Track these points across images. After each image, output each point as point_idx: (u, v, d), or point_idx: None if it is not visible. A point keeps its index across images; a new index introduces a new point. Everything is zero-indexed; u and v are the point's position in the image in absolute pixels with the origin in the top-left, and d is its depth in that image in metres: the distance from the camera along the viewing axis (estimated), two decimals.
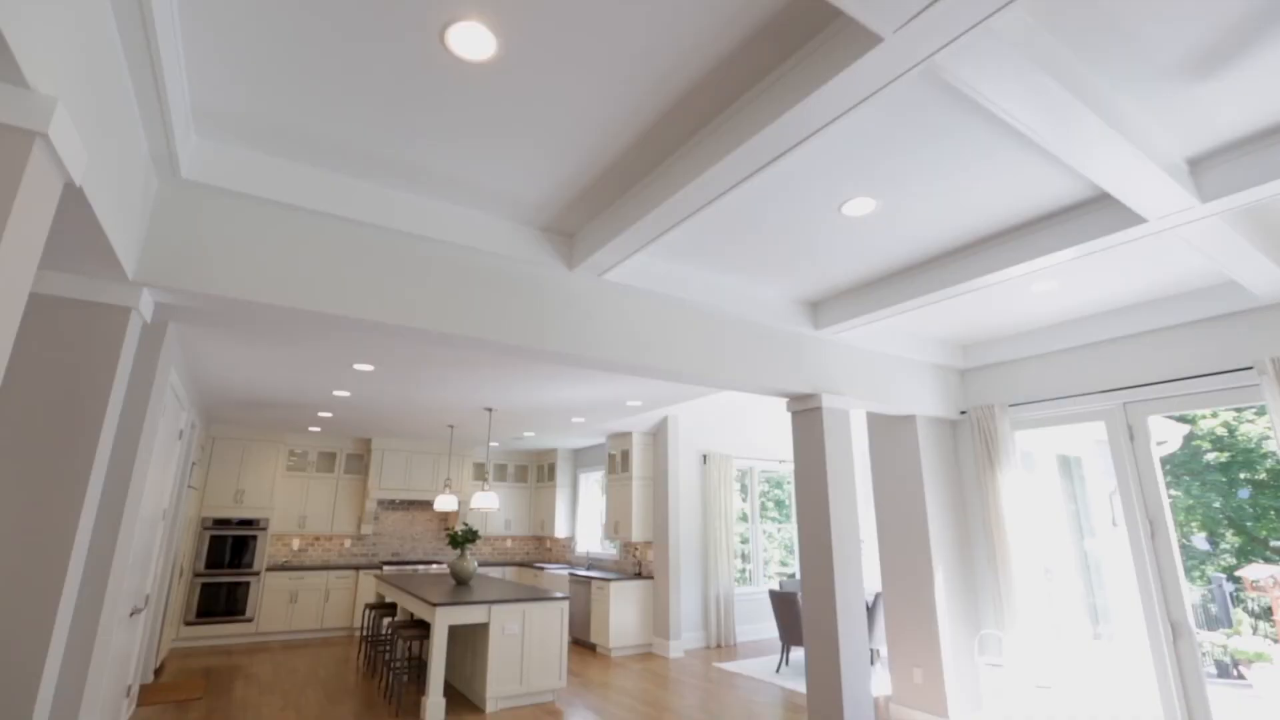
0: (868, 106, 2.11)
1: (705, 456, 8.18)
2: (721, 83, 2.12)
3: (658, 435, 7.84)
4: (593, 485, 9.62)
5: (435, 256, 2.90)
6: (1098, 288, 3.60)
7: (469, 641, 5.50)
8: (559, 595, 5.49)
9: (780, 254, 3.32)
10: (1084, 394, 4.26)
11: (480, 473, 9.84)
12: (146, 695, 5.28)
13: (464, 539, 6.26)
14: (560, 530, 9.42)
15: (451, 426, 7.51)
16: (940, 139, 2.33)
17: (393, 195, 2.72)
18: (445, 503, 7.13)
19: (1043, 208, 2.78)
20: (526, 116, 2.28)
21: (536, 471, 10.30)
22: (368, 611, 6.79)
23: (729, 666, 6.67)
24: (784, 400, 6.81)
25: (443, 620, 4.94)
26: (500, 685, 5.06)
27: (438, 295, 2.85)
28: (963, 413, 4.98)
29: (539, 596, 5.40)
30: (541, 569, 8.78)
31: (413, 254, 2.85)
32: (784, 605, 6.28)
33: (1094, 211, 2.63)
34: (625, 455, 7.91)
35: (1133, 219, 2.47)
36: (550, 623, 5.40)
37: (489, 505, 6.05)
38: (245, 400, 6.14)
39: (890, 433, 4.93)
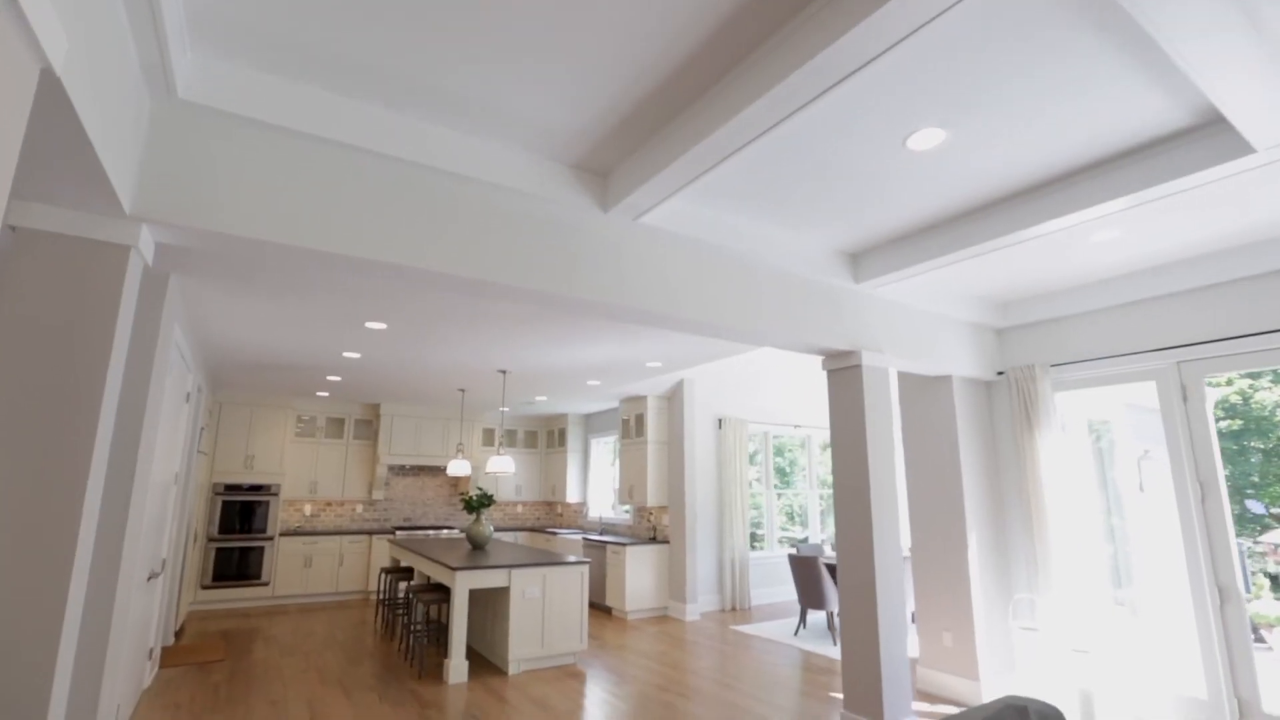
0: (956, 13, 1.87)
1: (720, 421, 8.04)
2: None
3: (673, 399, 7.68)
4: (604, 450, 9.52)
5: (462, 195, 2.68)
6: (1166, 236, 3.36)
7: (488, 605, 5.43)
8: (578, 559, 5.40)
9: (828, 198, 3.09)
10: (1134, 353, 4.06)
11: (490, 438, 9.73)
12: (168, 657, 5.24)
13: (479, 504, 6.15)
14: (572, 495, 9.34)
15: (463, 391, 7.35)
16: (1036, 53, 2.08)
17: (415, 126, 2.49)
18: (458, 468, 7.02)
19: (1132, 138, 2.53)
20: (561, 36, 2.03)
21: (547, 437, 10.18)
22: (383, 575, 6.74)
23: (745, 629, 6.64)
24: (809, 361, 6.64)
25: (463, 584, 4.85)
26: (522, 648, 5.00)
27: (463, 237, 2.64)
28: (999, 373, 4.79)
29: (559, 561, 5.31)
30: (554, 534, 8.73)
31: (437, 191, 2.62)
32: (803, 569, 6.19)
33: (1192, 142, 2.39)
34: (639, 419, 7.77)
35: (1238, 149, 2.24)
36: (570, 586, 5.31)
37: (505, 469, 5.92)
38: (253, 363, 5.97)
39: (925, 393, 4.75)
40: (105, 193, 1.89)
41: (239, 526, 7.49)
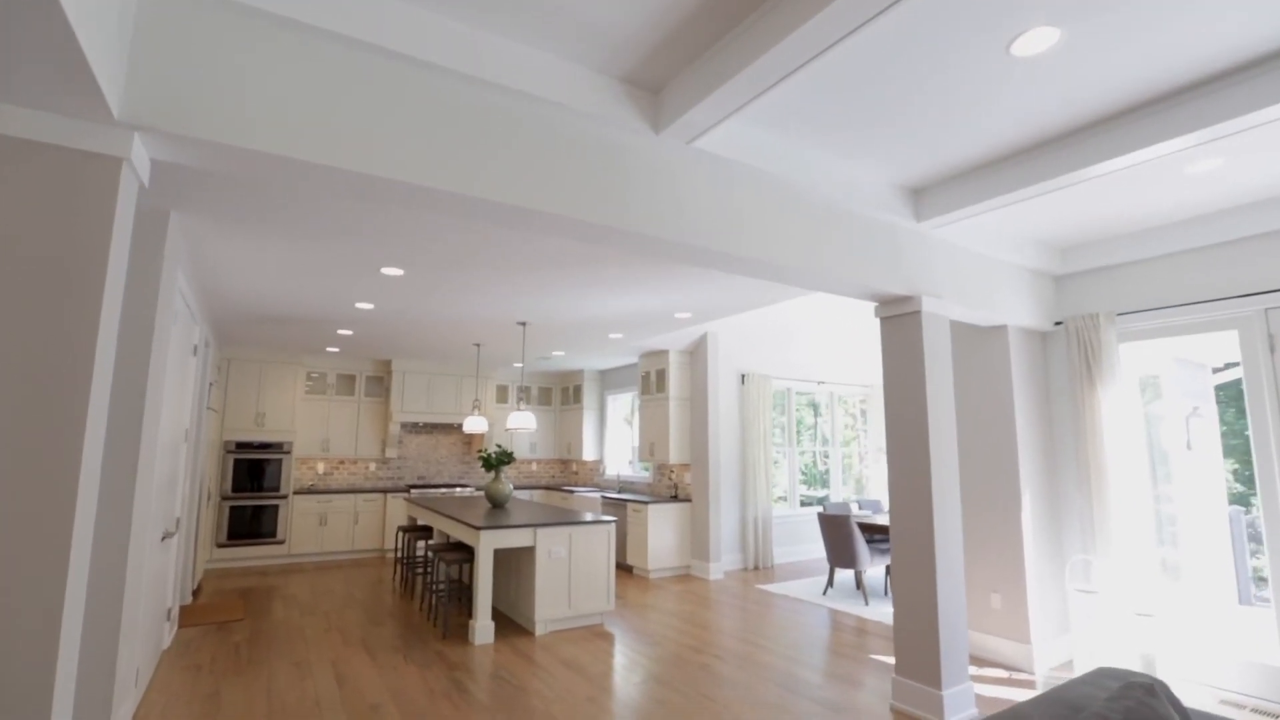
0: None
1: (744, 376, 7.78)
2: None
3: (696, 354, 7.40)
4: (621, 407, 9.30)
5: (514, 113, 2.34)
6: (1272, 166, 3.01)
7: (512, 565, 5.27)
8: (605, 518, 5.21)
9: (903, 120, 2.74)
10: (1215, 300, 3.74)
11: (504, 395, 9.51)
12: (187, 616, 5.12)
13: (499, 461, 5.95)
14: (588, 453, 9.17)
15: (478, 345, 7.08)
16: None
17: (447, 25, 2.14)
18: (475, 424, 6.80)
19: (1270, 44, 2.18)
20: None
21: (561, 394, 9.96)
22: (401, 534, 6.60)
23: (771, 588, 6.52)
24: (836, 314, 6.33)
25: (487, 544, 4.67)
26: (548, 608, 4.85)
27: (514, 162, 2.32)
28: (1057, 324, 4.48)
29: (585, 519, 5.12)
30: (571, 492, 8.59)
31: (487, 108, 2.29)
32: (833, 527, 6.02)
33: None
34: (661, 375, 7.51)
35: None
36: (596, 546, 5.14)
37: (526, 425, 5.69)
38: (261, 315, 5.68)
39: (978, 344, 4.46)
40: (90, 91, 1.57)
41: (252, 485, 7.34)
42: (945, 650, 3.36)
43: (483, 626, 4.60)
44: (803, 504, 8.44)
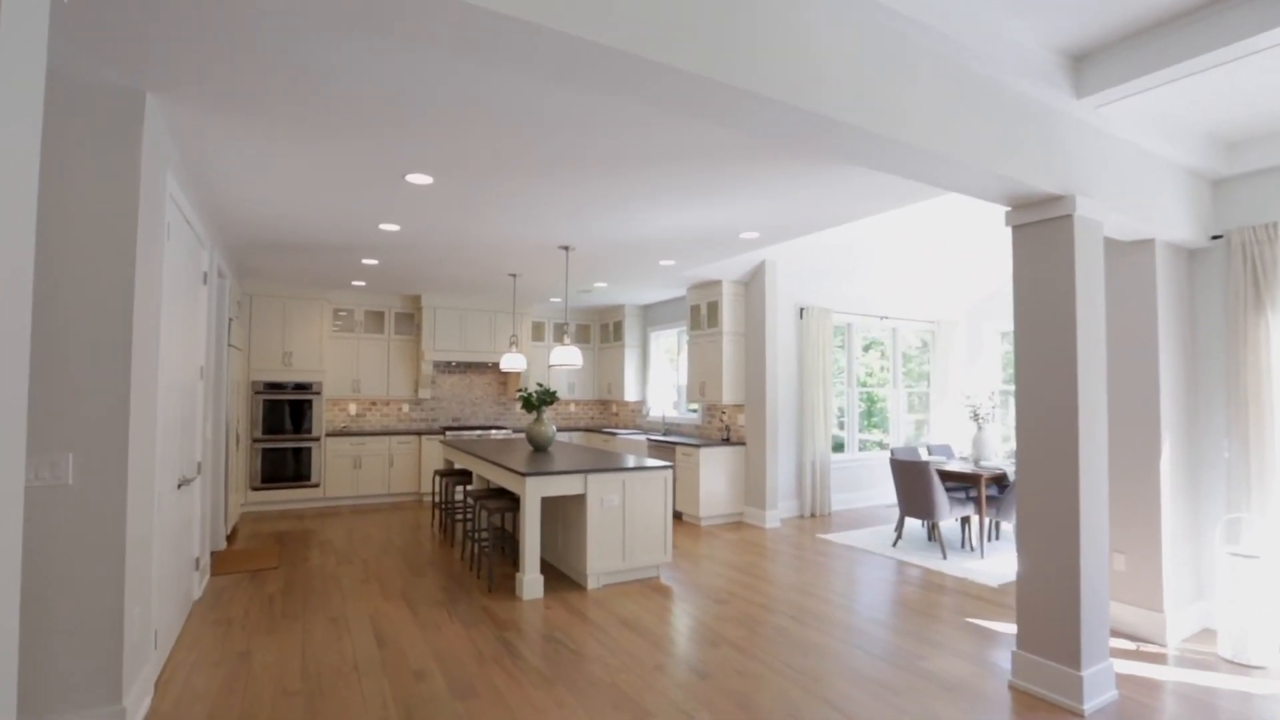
0: None
1: (802, 310, 7.10)
2: None
3: (751, 284, 6.73)
4: (665, 344, 8.72)
5: None
6: None
7: (559, 513, 4.84)
8: (661, 464, 4.72)
9: None
10: None
11: (540, 332, 8.98)
12: (220, 563, 4.84)
13: (540, 401, 5.46)
14: (630, 394, 8.68)
15: (514, 276, 6.50)
16: None
17: None
18: (512, 362, 6.31)
19: None
20: None
21: (600, 331, 9.41)
22: (437, 479, 6.24)
23: (833, 538, 6.04)
24: (903, 238, 5.56)
25: (534, 491, 4.22)
26: (601, 560, 4.43)
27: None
28: (1214, 238, 3.70)
29: (640, 466, 4.63)
30: (612, 434, 8.14)
31: None
32: (909, 475, 5.45)
33: None
34: (713, 308, 6.87)
35: None
36: (652, 493, 4.67)
37: (571, 361, 5.15)
38: (278, 242, 5.16)
39: (1115, 263, 3.72)
40: None
41: (283, 427, 7.02)
42: (1087, 624, 2.81)
43: (531, 580, 4.21)
44: (861, 448, 7.87)
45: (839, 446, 7.67)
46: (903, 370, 8.29)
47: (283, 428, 7.02)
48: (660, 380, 8.70)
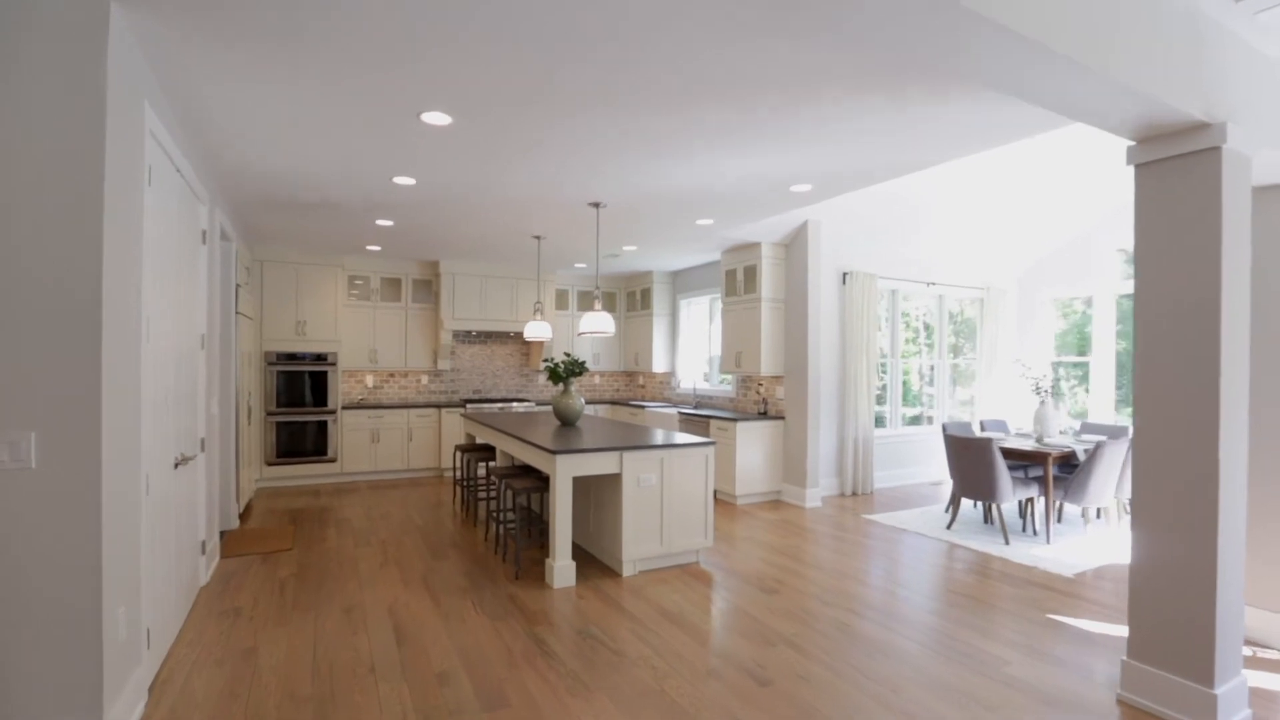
0: None
1: (845, 275, 6.60)
2: None
3: (793, 247, 6.22)
4: (696, 313, 8.26)
5: None
6: None
7: (590, 493, 4.48)
8: (703, 440, 4.32)
9: None
10: None
11: (564, 300, 8.56)
12: (231, 544, 4.57)
13: (569, 372, 5.07)
14: (658, 364, 8.26)
15: (538, 238, 6.06)
16: None
17: None
18: (537, 330, 5.91)
19: None
20: None
21: (627, 299, 8.96)
22: (460, 455, 5.92)
23: (879, 518, 5.63)
24: (954, 193, 5.00)
25: (565, 470, 3.84)
26: (638, 545, 4.07)
27: None
28: None
29: (679, 442, 4.23)
30: (640, 407, 7.76)
31: None
32: (968, 452, 5.00)
33: None
34: (750, 273, 6.39)
35: None
36: (692, 472, 4.28)
37: (602, 328, 4.73)
38: (285, 198, 4.77)
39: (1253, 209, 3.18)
40: None
41: (298, 399, 6.73)
42: (1223, 631, 2.38)
43: (562, 567, 3.86)
44: (902, 423, 7.41)
45: (879, 421, 7.22)
46: (947, 339, 7.76)
47: (298, 400, 6.74)
48: (691, 350, 8.26)
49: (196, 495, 3.67)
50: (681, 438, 4.41)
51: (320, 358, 6.85)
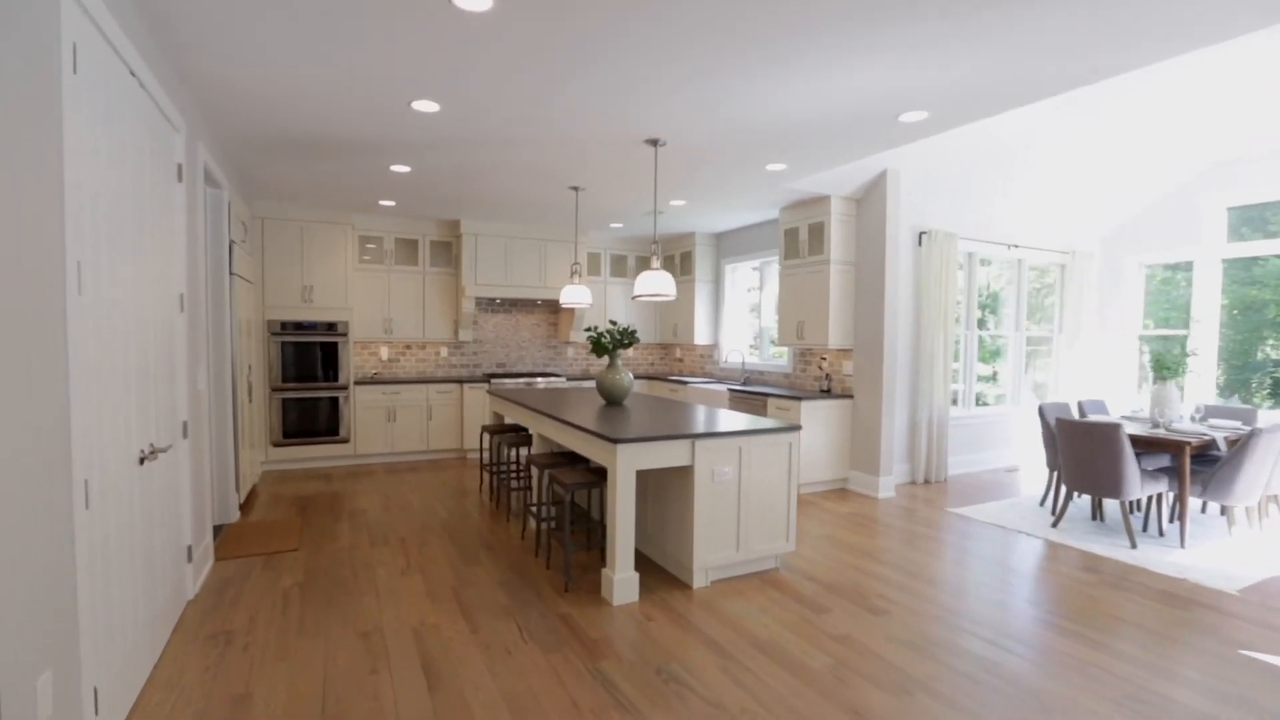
0: None
1: (922, 235, 5.78)
2: None
3: (866, 201, 5.40)
4: (742, 278, 7.47)
5: None
6: None
7: (649, 487, 3.78)
8: (786, 425, 3.58)
9: None
10: None
11: (596, 265, 7.78)
12: (229, 543, 3.93)
13: (617, 343, 4.33)
14: (700, 336, 7.50)
15: (576, 190, 5.27)
16: None
17: None
18: (575, 295, 5.16)
19: None
20: None
21: (664, 264, 8.16)
22: (489, 438, 5.23)
23: (967, 512, 4.90)
24: (1067, 137, 4.12)
25: (628, 463, 3.13)
26: (712, 550, 3.38)
27: None
28: None
29: (760, 428, 3.50)
30: (682, 383, 7.03)
31: None
32: (1086, 439, 4.24)
33: None
34: (816, 231, 5.58)
35: None
36: (774, 463, 3.56)
37: (661, 290, 3.95)
38: (283, 133, 4.01)
39: None
40: None
41: (307, 374, 6.06)
42: None
43: (624, 580, 3.17)
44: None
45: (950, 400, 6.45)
46: (1025, 309, 6.93)
47: (306, 375, 6.06)
48: (736, 321, 7.48)
49: (179, 492, 3.00)
50: (761, 422, 3.68)
51: (330, 327, 6.15)
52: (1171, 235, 6.57)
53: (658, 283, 3.93)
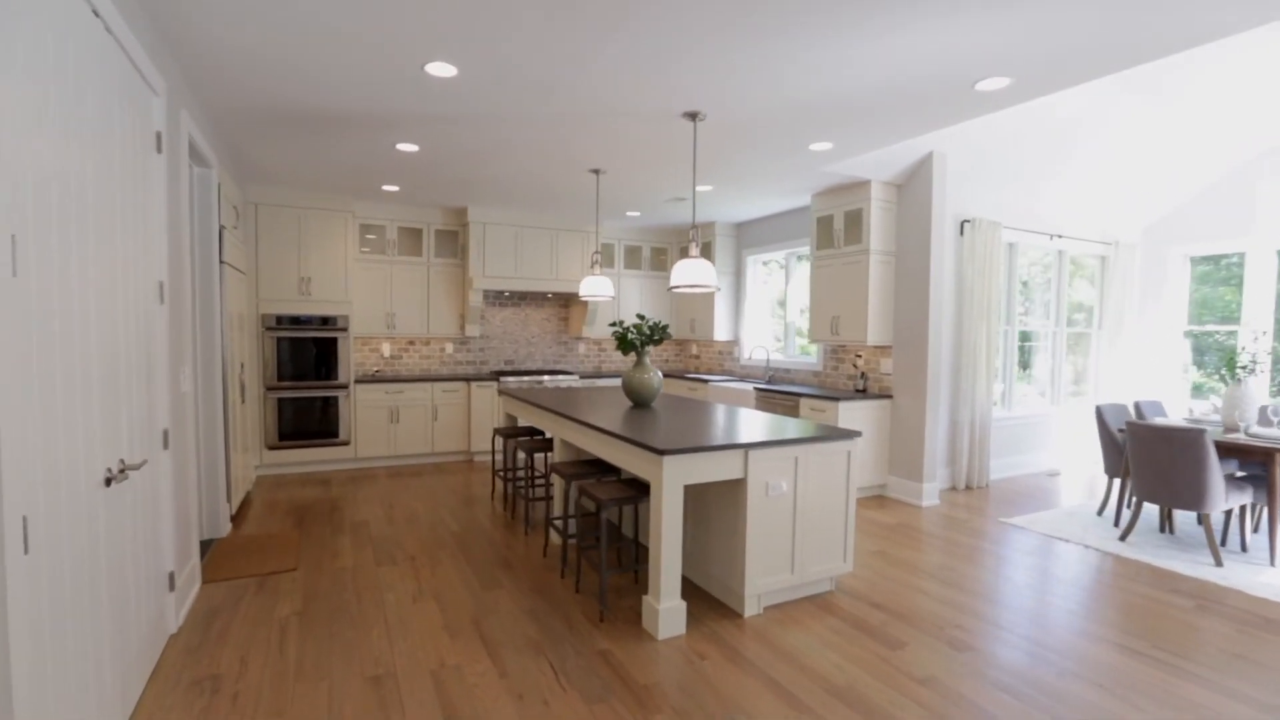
0: None
1: (964, 224, 5.39)
2: None
3: (908, 187, 5.00)
4: (765, 271, 7.07)
5: None
6: None
7: (690, 502, 3.39)
8: (844, 431, 3.19)
9: None
10: None
11: (609, 256, 7.37)
12: (219, 562, 3.53)
13: (647, 338, 3.94)
14: (719, 332, 7.10)
15: (597, 172, 4.85)
16: None
17: None
18: (595, 287, 4.76)
19: None
20: None
21: (680, 256, 7.75)
22: (503, 442, 4.83)
23: (1023, 523, 4.53)
24: (1122, 118, 3.76)
25: (676, 477, 2.74)
26: (765, 574, 2.99)
27: None
28: None
29: (816, 435, 3.11)
30: (702, 381, 6.63)
31: None
32: (1160, 445, 3.88)
33: None
34: (854, 219, 5.18)
35: None
36: (832, 473, 3.17)
37: (703, 281, 3.54)
38: (278, 103, 3.60)
39: None
40: None
41: (303, 371, 5.65)
42: None
43: (670, 611, 2.78)
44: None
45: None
46: (1065, 301, 6.56)
47: (303, 373, 5.65)
48: (759, 316, 7.09)
49: (158, 511, 2.59)
50: (815, 429, 3.29)
51: (328, 321, 5.74)
52: (1220, 226, 6.20)
53: (697, 272, 3.52)
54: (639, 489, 3.08)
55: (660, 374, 4.09)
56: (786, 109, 3.47)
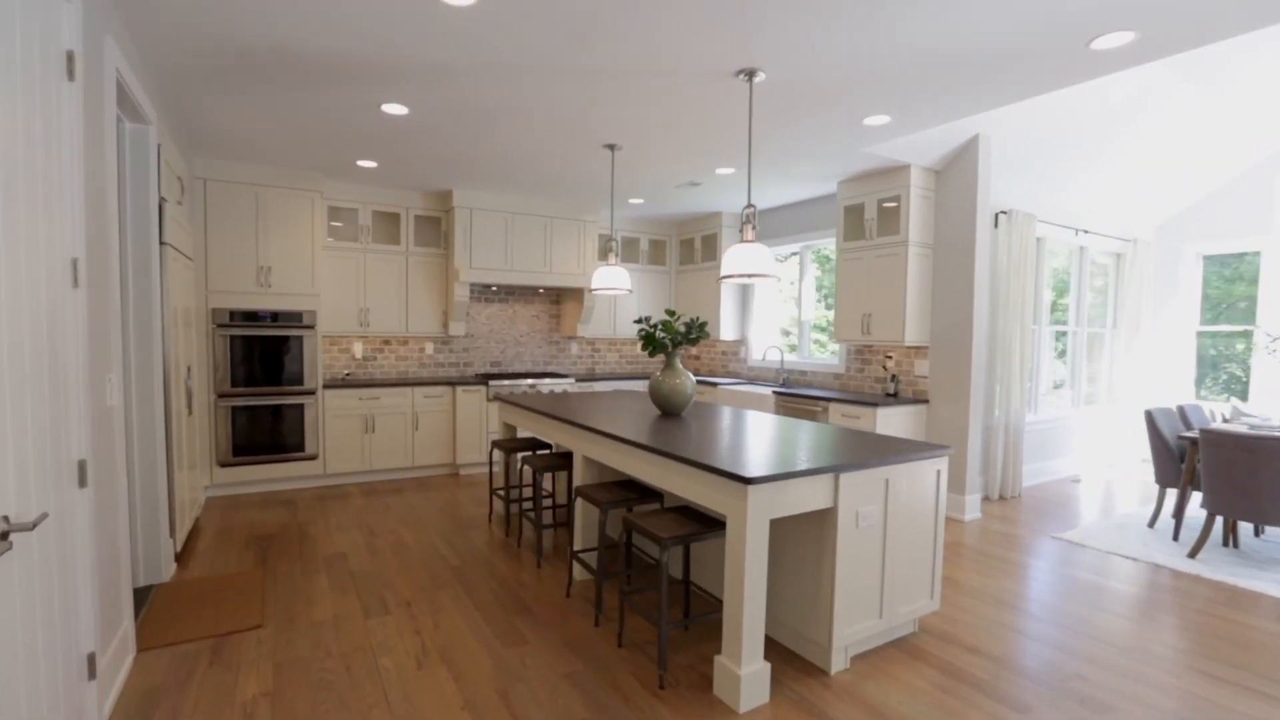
0: None
1: (999, 216, 5.01)
2: None
3: (948, 173, 4.58)
4: (779, 266, 6.57)
5: None
6: None
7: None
8: (934, 446, 2.70)
9: None
10: None
11: (602, 249, 6.78)
12: (158, 619, 2.80)
13: (682, 337, 3.39)
14: (726, 331, 6.59)
15: (613, 147, 4.25)
16: None
17: None
18: (610, 278, 4.17)
19: None
20: None
21: (681, 248, 7.19)
22: (502, 455, 4.19)
23: (1077, 538, 4.16)
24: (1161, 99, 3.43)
25: (762, 509, 2.19)
26: (853, 621, 2.47)
27: None
28: None
29: (906, 453, 2.60)
30: (711, 384, 6.11)
31: None
32: (1238, 454, 3.53)
33: None
34: (888, 210, 4.73)
35: None
36: (920, 497, 2.68)
37: (763, 270, 2.98)
38: (229, 33, 2.91)
39: None
40: None
41: (262, 375, 4.88)
42: None
43: (754, 677, 2.23)
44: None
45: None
46: (1088, 302, 6.28)
47: (262, 377, 4.89)
48: (766, 314, 6.60)
49: (71, 574, 1.90)
50: (902, 444, 2.79)
51: (292, 318, 4.99)
52: (1237, 224, 6.02)
53: (752, 259, 2.96)
54: (705, 523, 2.51)
55: (694, 378, 3.54)
56: (855, 68, 2.95)
